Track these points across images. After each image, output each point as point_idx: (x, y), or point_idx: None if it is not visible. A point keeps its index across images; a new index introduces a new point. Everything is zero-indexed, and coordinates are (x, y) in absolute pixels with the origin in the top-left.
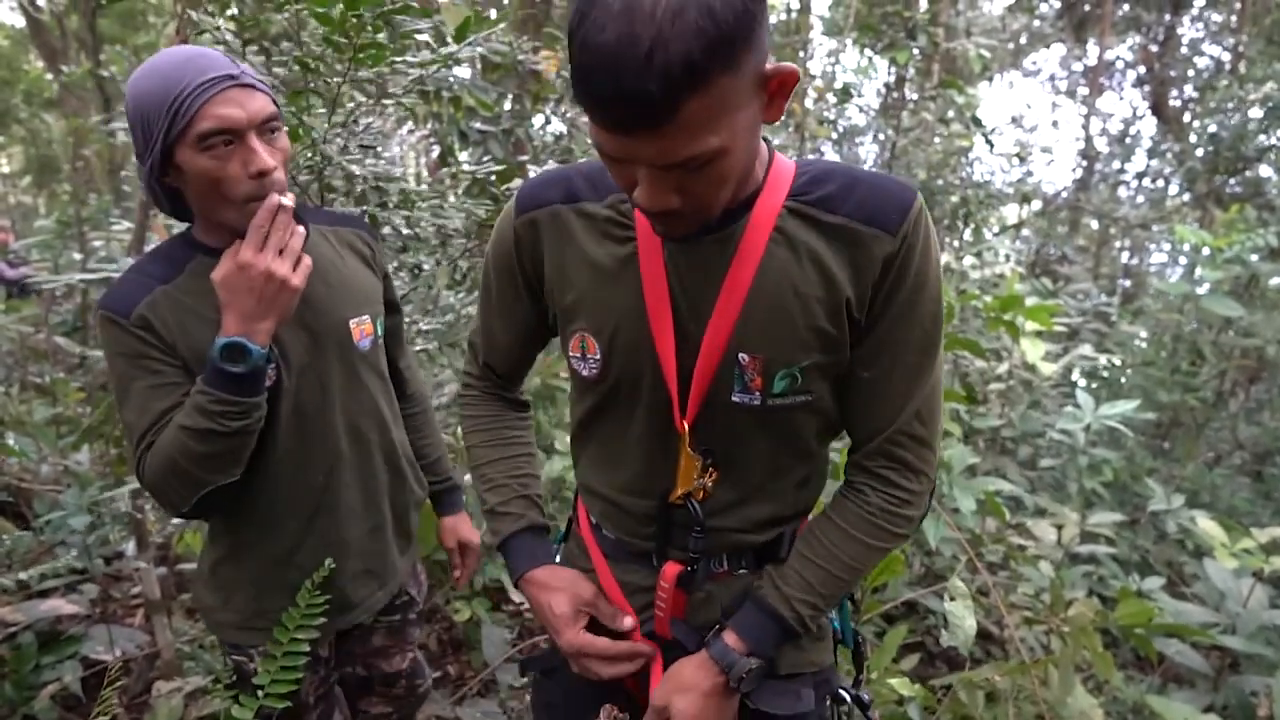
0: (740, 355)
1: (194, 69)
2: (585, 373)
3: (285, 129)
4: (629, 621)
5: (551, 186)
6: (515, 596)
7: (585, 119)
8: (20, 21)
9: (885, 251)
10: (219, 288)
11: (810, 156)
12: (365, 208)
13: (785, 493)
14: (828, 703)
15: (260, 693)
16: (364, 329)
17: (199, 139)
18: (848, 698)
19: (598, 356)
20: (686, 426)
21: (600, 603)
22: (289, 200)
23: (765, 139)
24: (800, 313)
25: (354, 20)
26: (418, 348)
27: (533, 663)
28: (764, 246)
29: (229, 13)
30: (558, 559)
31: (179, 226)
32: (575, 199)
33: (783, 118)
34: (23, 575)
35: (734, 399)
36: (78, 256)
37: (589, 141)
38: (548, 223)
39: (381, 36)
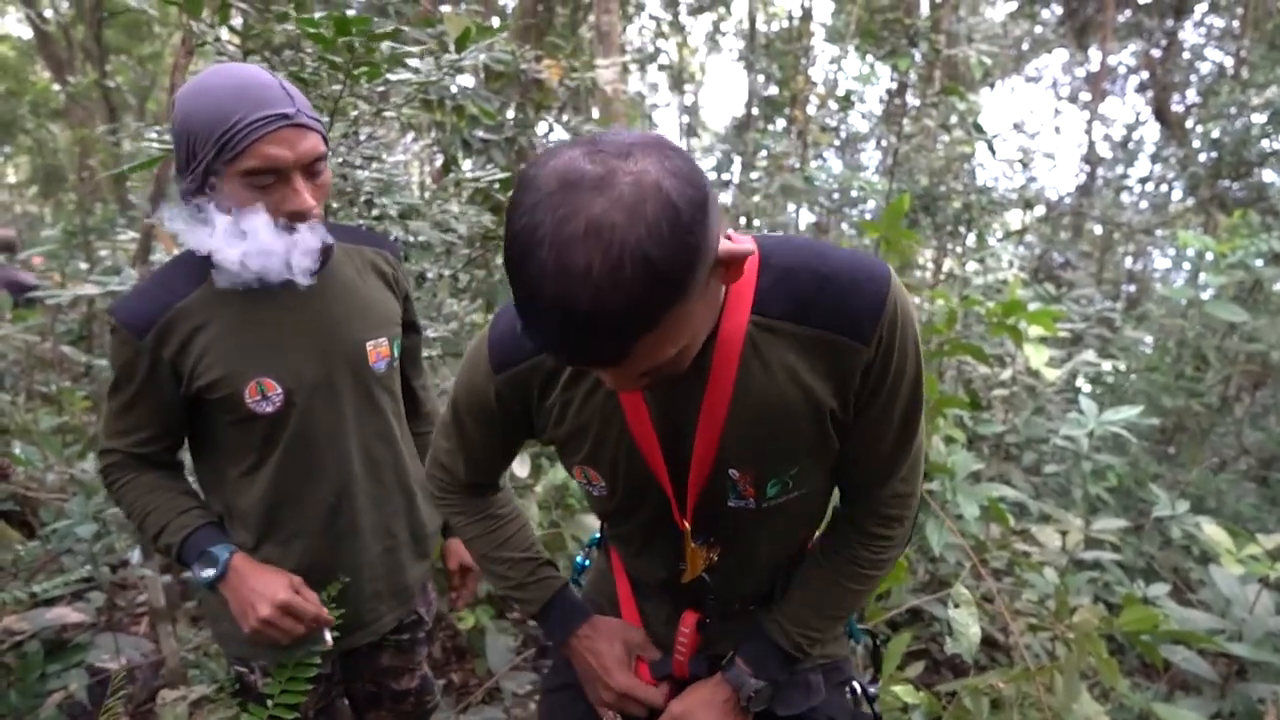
0: (730, 471)
1: (249, 101)
2: (595, 494)
3: (328, 164)
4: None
5: (523, 338)
6: None
7: (588, 127)
8: (27, 33)
9: (863, 360)
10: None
11: (794, 165)
12: (364, 220)
13: (790, 552)
14: (846, 692)
15: (270, 702)
16: (380, 351)
17: (244, 174)
18: (857, 687)
19: (603, 483)
20: (688, 526)
21: (649, 648)
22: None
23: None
24: (785, 428)
25: (345, 43)
26: (424, 354)
27: (545, 679)
28: (735, 367)
29: (232, 23)
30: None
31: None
32: None
33: (786, 124)
34: (36, 588)
35: (730, 504)
36: (84, 266)
37: None
38: (528, 375)
39: (380, 51)
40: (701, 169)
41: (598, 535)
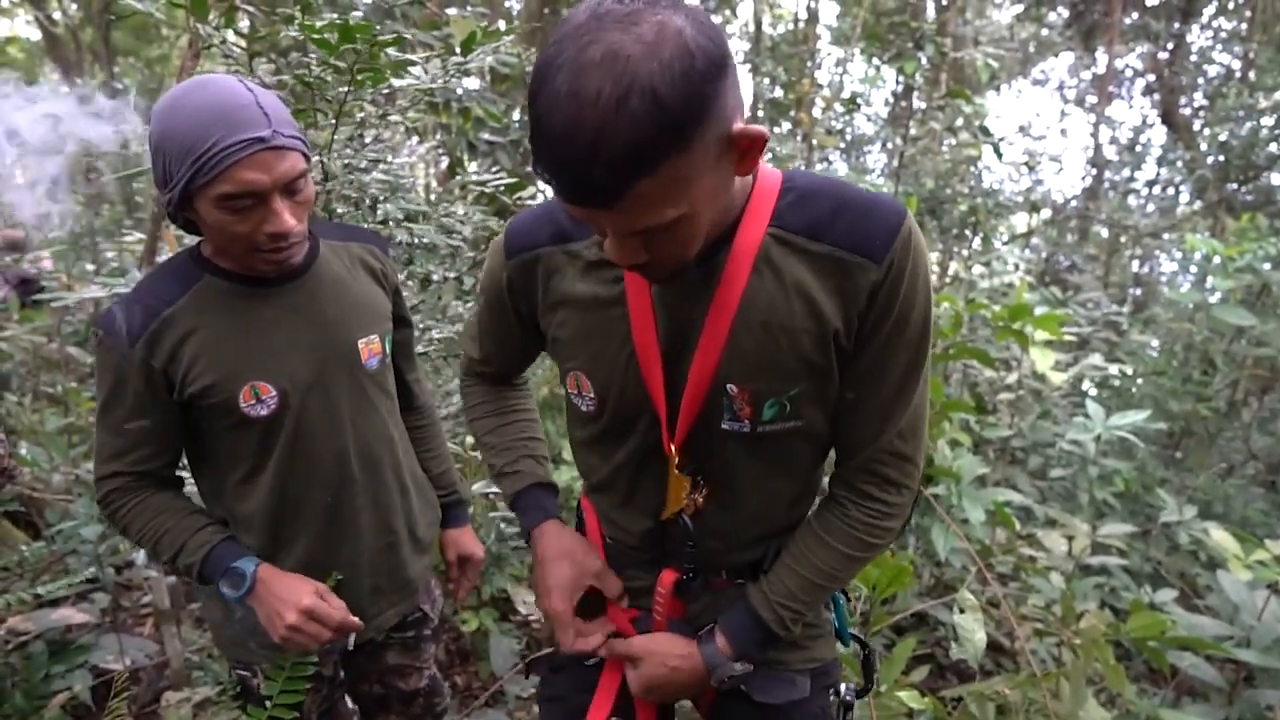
0: (728, 386)
1: (225, 125)
2: (584, 408)
3: (311, 178)
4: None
5: (540, 226)
6: (522, 608)
7: None
8: (36, 35)
9: (871, 280)
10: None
11: (800, 167)
12: (369, 224)
13: (776, 512)
14: (830, 696)
15: (269, 703)
16: (372, 349)
17: (219, 198)
18: (843, 691)
19: (593, 395)
20: (674, 449)
21: (608, 577)
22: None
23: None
24: (787, 344)
25: (350, 48)
26: (422, 351)
27: (538, 663)
28: (746, 277)
29: (239, 26)
30: None
31: (190, 238)
32: (563, 239)
33: (791, 127)
34: (41, 590)
35: (724, 426)
36: (90, 267)
37: None
38: (537, 265)
39: (384, 56)
40: (727, 41)
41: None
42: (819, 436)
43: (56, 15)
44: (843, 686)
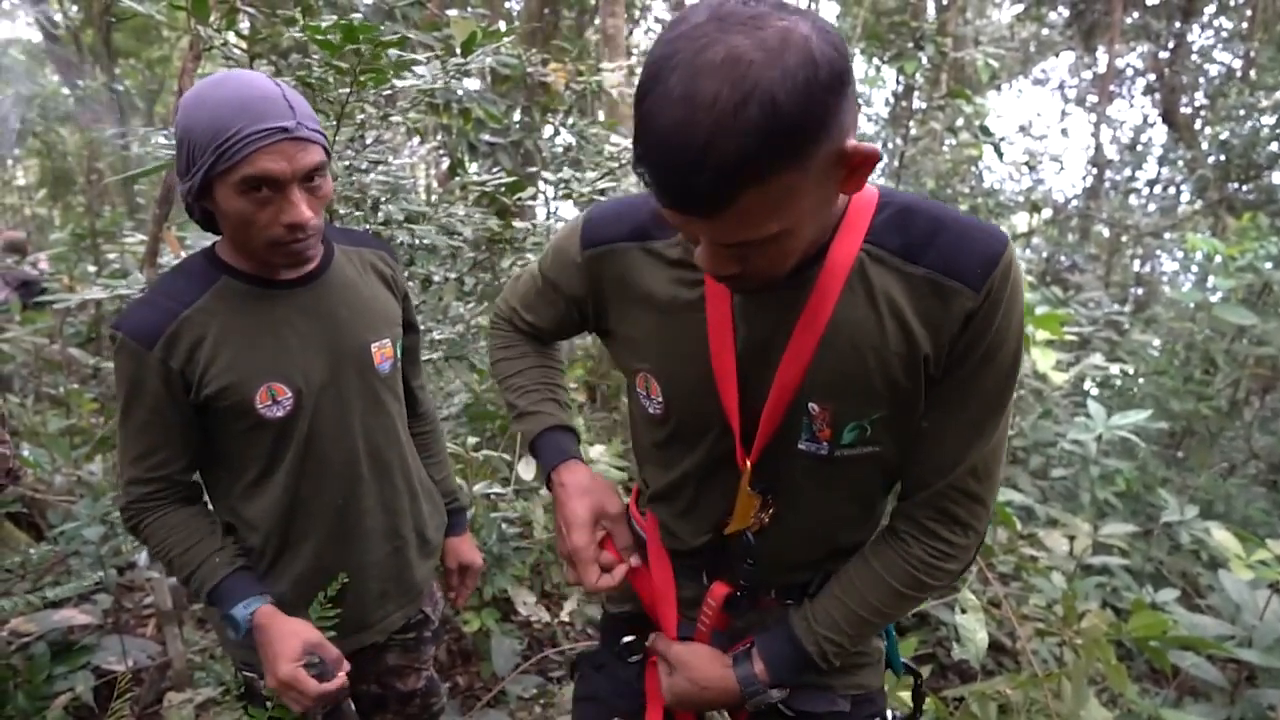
0: (810, 405)
1: (249, 114)
2: (650, 410)
3: (329, 173)
4: (635, 561)
5: (622, 221)
6: (523, 609)
7: (594, 130)
8: (37, 36)
9: (967, 307)
10: (262, 643)
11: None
12: (370, 225)
13: (836, 536)
14: None
15: (269, 704)
16: (384, 352)
17: (240, 184)
18: (888, 718)
19: (661, 399)
20: (749, 465)
21: (621, 526)
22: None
23: None
24: (875, 366)
25: (353, 49)
26: (426, 358)
27: (583, 658)
28: (838, 294)
29: (240, 28)
30: None
31: (191, 239)
32: (645, 237)
33: None
34: (49, 594)
35: (800, 447)
36: (92, 269)
37: (597, 153)
38: (614, 260)
39: (386, 57)
40: (849, 54)
41: None
42: (894, 466)
43: (57, 17)
44: (889, 714)
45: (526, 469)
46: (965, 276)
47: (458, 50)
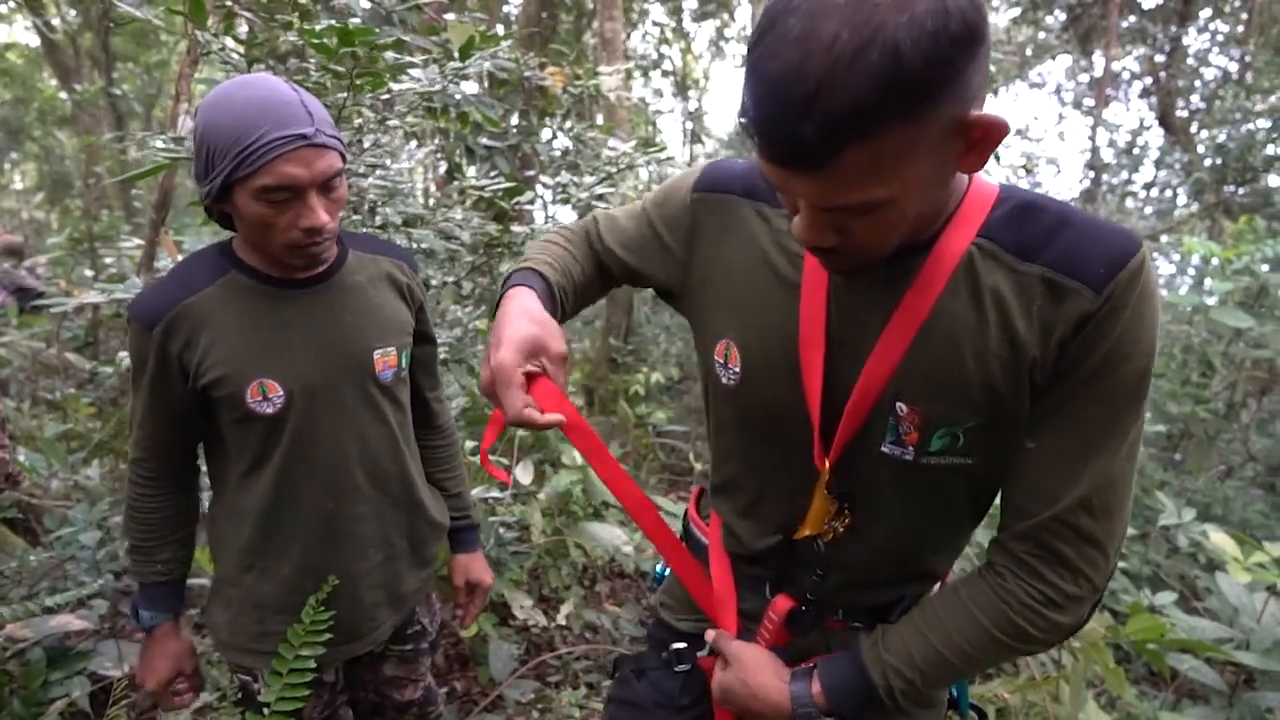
0: (898, 404)
1: (270, 120)
2: (725, 380)
3: (345, 178)
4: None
5: (737, 177)
6: (520, 613)
7: (592, 134)
8: (35, 40)
9: (1083, 309)
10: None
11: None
12: (368, 229)
13: (918, 554)
14: None
15: (266, 709)
16: (388, 360)
17: (260, 190)
18: None
19: (738, 370)
20: (828, 466)
21: (560, 371)
22: None
23: None
24: (974, 368)
25: (349, 53)
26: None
27: (626, 660)
28: (942, 287)
29: (237, 32)
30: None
31: (188, 244)
32: (756, 197)
33: None
34: (49, 601)
35: (883, 449)
36: (89, 273)
37: (595, 157)
38: (723, 210)
39: (383, 60)
40: (986, 12)
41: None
42: (985, 485)
43: (55, 21)
44: None
45: (524, 473)
46: (1085, 275)
47: (455, 54)
